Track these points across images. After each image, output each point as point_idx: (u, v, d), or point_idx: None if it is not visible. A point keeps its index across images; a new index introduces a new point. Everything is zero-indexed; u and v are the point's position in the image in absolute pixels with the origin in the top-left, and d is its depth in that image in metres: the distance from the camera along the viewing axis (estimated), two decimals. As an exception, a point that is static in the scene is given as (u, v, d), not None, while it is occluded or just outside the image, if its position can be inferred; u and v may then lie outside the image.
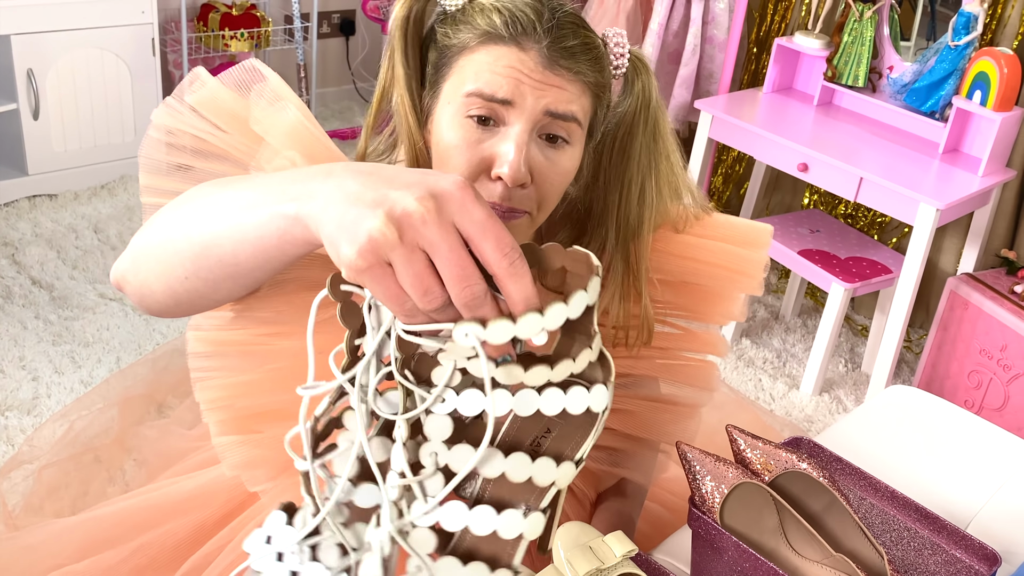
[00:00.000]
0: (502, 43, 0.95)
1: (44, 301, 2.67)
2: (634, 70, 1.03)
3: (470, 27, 0.97)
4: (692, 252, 1.14)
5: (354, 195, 0.58)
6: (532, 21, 0.95)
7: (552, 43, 0.95)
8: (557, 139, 0.97)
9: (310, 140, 1.02)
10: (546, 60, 0.95)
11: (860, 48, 2.74)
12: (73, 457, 1.76)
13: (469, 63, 0.97)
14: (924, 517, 1.13)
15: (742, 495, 1.07)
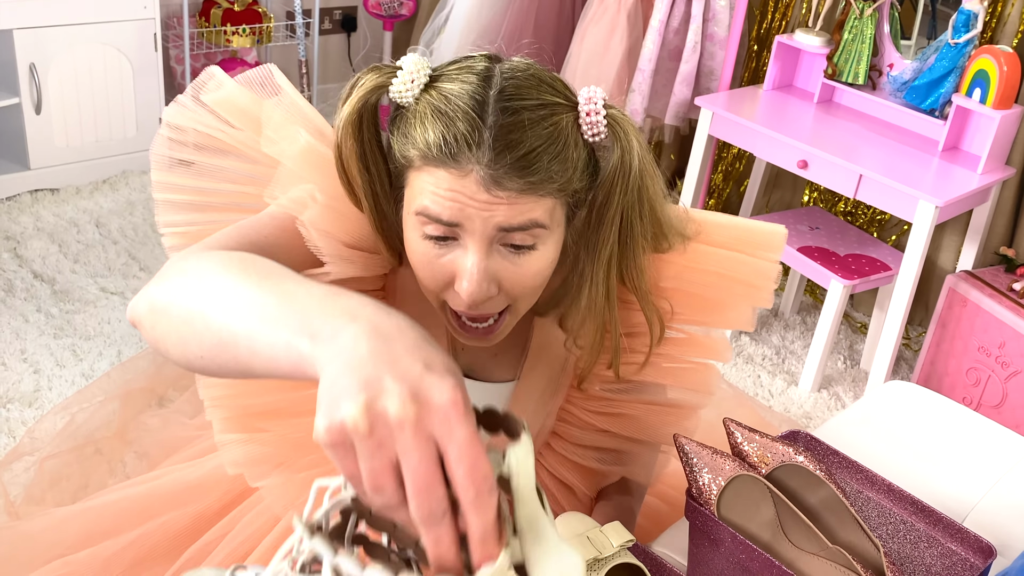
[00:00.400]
0: (440, 166, 0.89)
1: (46, 295, 2.68)
2: (613, 136, 0.95)
3: (410, 142, 0.91)
4: (700, 261, 1.12)
5: (356, 363, 0.57)
6: (465, 138, 0.87)
7: (493, 160, 0.87)
8: (521, 247, 0.93)
9: (323, 163, 1.00)
10: (488, 181, 0.87)
11: (860, 46, 2.75)
12: (74, 449, 1.77)
13: (416, 180, 0.92)
14: (920, 511, 1.14)
15: (739, 487, 1.07)
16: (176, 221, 1.07)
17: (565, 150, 0.91)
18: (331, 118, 1.01)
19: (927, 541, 1.12)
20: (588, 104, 0.93)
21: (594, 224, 0.99)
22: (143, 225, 3.12)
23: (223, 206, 1.07)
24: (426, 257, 0.93)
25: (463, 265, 0.91)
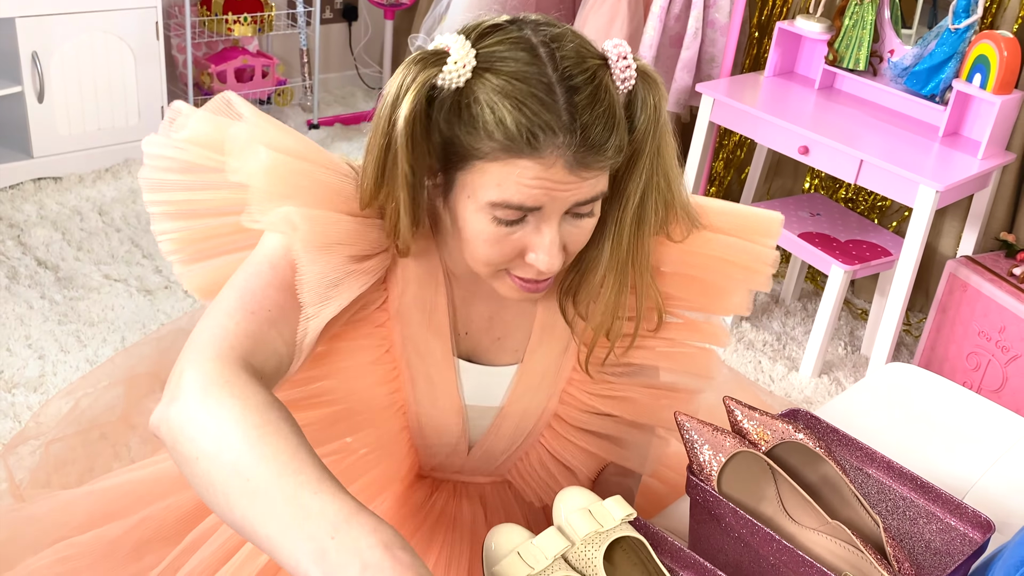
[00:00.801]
0: (523, 156, 0.89)
1: (50, 282, 2.69)
2: (645, 86, 0.97)
3: (482, 132, 0.90)
4: (701, 246, 1.13)
5: None
6: (551, 127, 0.89)
7: (578, 145, 0.90)
8: (583, 215, 0.97)
9: (291, 174, 0.99)
10: (574, 166, 0.91)
11: (861, 32, 2.75)
12: (79, 433, 1.78)
13: (490, 170, 0.92)
14: (920, 487, 1.15)
15: (739, 464, 1.08)
16: (170, 229, 1.07)
17: (618, 113, 0.93)
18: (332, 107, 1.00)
19: (926, 517, 1.13)
20: (618, 57, 0.95)
21: (623, 175, 1.01)
22: (146, 213, 3.12)
23: (215, 211, 1.07)
24: (494, 238, 0.95)
25: (538, 241, 0.95)
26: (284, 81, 3.95)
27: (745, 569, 1.04)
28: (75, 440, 1.76)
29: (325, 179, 1.02)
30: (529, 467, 1.23)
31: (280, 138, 1.02)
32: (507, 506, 1.24)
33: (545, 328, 1.15)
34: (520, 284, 1.01)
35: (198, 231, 1.07)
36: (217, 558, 1.20)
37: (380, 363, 1.11)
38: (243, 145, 1.00)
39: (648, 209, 1.03)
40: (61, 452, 1.74)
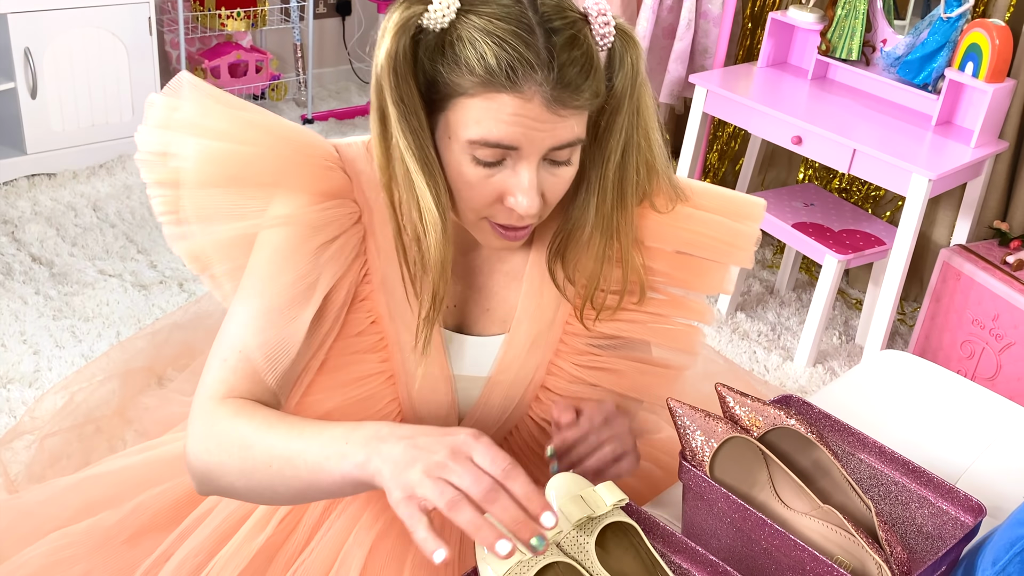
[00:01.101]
0: (502, 91, 0.92)
1: (44, 277, 2.69)
2: (623, 44, 1.00)
3: (463, 68, 0.93)
4: (684, 222, 1.16)
5: (400, 458, 0.85)
6: (530, 63, 0.91)
7: (556, 82, 0.92)
8: (560, 161, 0.99)
9: (224, 157, 1.04)
10: (550, 102, 0.93)
11: (854, 21, 2.75)
12: (74, 427, 1.78)
13: (470, 107, 0.94)
14: (911, 472, 1.15)
15: (732, 449, 1.09)
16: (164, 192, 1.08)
17: (595, 60, 0.96)
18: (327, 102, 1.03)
19: (918, 501, 1.13)
20: (598, 14, 0.98)
21: (604, 131, 1.04)
22: (140, 208, 3.13)
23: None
24: (475, 179, 0.97)
25: (517, 183, 0.97)
26: (278, 76, 3.95)
27: (738, 554, 1.05)
28: (70, 434, 1.76)
29: (262, 164, 1.05)
30: (520, 440, 1.23)
31: (222, 122, 1.05)
32: None
33: (532, 297, 1.16)
34: (500, 231, 1.02)
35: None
36: (212, 541, 1.21)
37: (367, 333, 1.12)
38: (181, 132, 1.04)
39: (630, 167, 1.06)
40: (56, 446, 1.74)
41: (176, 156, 1.04)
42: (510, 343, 1.17)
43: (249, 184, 1.05)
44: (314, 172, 1.07)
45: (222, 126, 1.05)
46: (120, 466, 1.41)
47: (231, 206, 1.05)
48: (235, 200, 1.05)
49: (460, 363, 1.17)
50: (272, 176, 1.05)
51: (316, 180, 1.07)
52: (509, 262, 1.17)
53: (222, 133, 1.05)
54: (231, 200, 1.05)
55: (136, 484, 1.36)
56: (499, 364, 1.17)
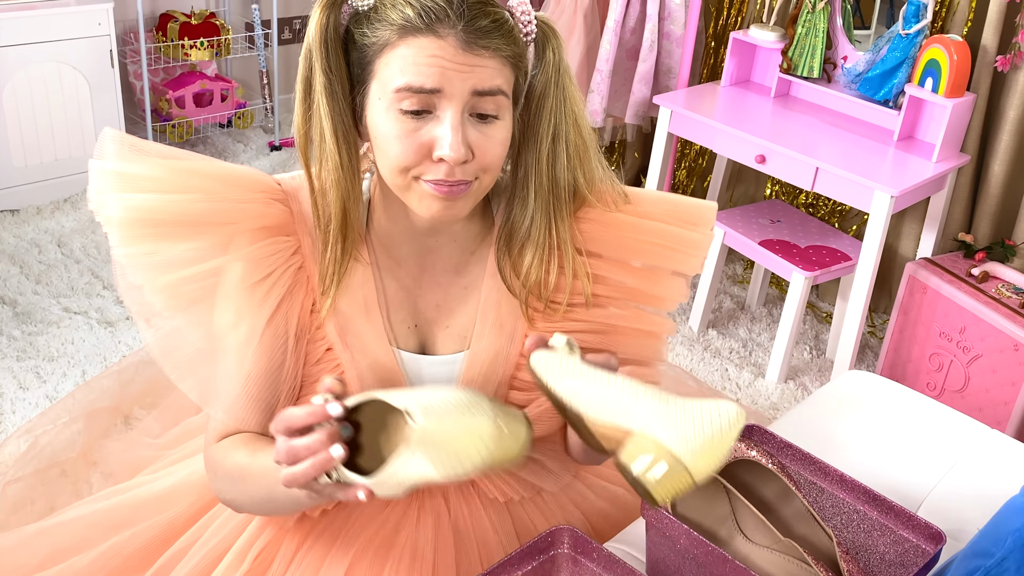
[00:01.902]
0: (420, 34, 0.99)
1: (7, 317, 2.66)
2: (544, 36, 1.08)
3: (385, 23, 1.01)
4: (631, 231, 1.18)
5: None
6: (443, 8, 0.99)
7: (467, 25, 0.99)
8: (487, 116, 1.02)
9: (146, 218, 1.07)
10: (464, 43, 0.99)
11: (814, 40, 2.77)
12: (38, 472, 1.76)
13: (392, 59, 1.01)
14: (873, 500, 1.15)
15: (693, 484, 1.08)
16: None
17: (510, 24, 1.04)
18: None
19: (879, 529, 1.14)
20: (520, 6, 1.06)
21: (533, 118, 1.11)
22: (105, 243, 3.10)
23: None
24: (403, 132, 1.01)
25: (443, 131, 1.00)
26: (244, 104, 3.94)
27: (700, 591, 1.05)
28: (33, 479, 1.74)
29: (188, 209, 1.09)
30: None
31: (150, 171, 1.09)
32: (471, 504, 1.24)
33: (489, 309, 1.17)
34: (433, 188, 1.04)
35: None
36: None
37: (323, 362, 1.15)
38: (99, 190, 1.08)
39: (560, 152, 1.11)
40: (20, 492, 1.72)
41: (105, 219, 1.08)
42: (471, 360, 1.17)
43: (176, 234, 1.09)
44: (247, 210, 1.10)
45: (150, 174, 1.09)
46: (89, 511, 1.40)
47: (163, 259, 1.09)
48: (167, 250, 1.09)
49: (420, 383, 1.17)
50: (201, 220, 1.09)
51: (250, 218, 1.10)
52: (466, 275, 1.18)
53: (149, 182, 1.08)
54: (163, 252, 1.09)
55: (107, 528, 1.36)
56: (461, 382, 1.17)
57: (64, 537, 1.39)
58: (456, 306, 1.17)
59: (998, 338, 2.37)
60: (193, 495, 1.36)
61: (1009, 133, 2.55)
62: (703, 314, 2.93)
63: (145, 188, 1.07)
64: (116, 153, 1.09)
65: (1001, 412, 2.40)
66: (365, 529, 1.20)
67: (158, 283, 1.09)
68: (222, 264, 1.10)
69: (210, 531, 1.29)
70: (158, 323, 1.12)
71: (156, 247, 1.08)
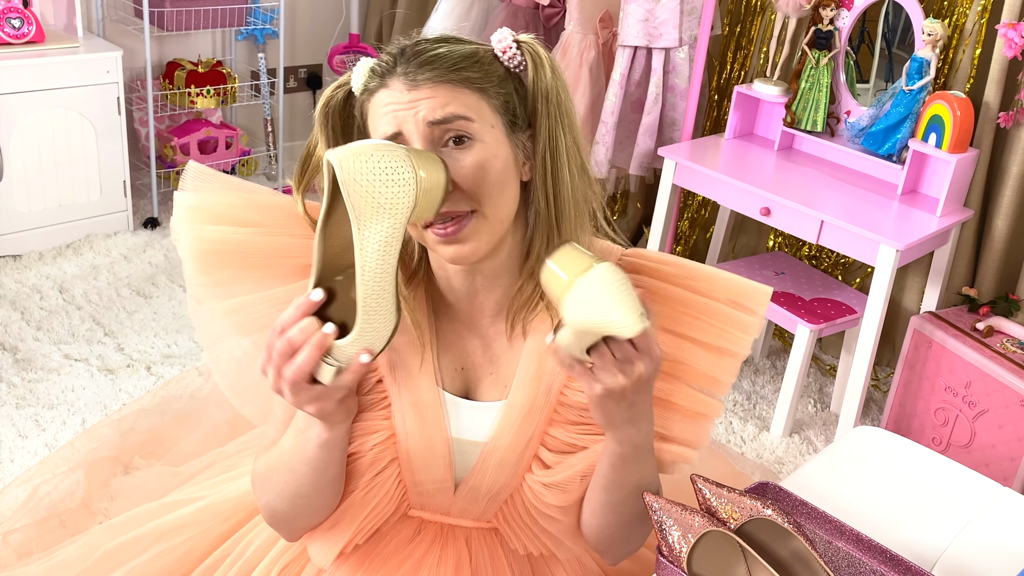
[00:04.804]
0: (377, 91, 1.07)
1: (7, 364, 2.64)
2: (533, 58, 1.10)
3: (360, 92, 1.10)
4: (688, 308, 1.17)
5: None
6: (390, 61, 1.07)
7: (405, 67, 1.05)
8: (462, 139, 1.05)
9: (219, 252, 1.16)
10: (408, 84, 1.04)
11: (818, 94, 2.80)
12: (37, 523, 1.74)
13: (369, 120, 1.09)
14: (889, 560, 1.14)
15: (709, 543, 1.07)
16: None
17: (480, 59, 1.08)
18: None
19: (898, 591, 1.12)
20: (499, 40, 1.10)
21: (535, 129, 1.12)
22: (107, 289, 3.10)
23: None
24: None
25: None
26: (248, 151, 3.95)
27: (717, 654, 1.03)
28: (32, 530, 1.72)
29: (261, 243, 1.17)
30: (514, 511, 1.22)
31: (222, 207, 1.17)
32: (492, 552, 1.23)
33: (531, 362, 1.16)
34: (434, 232, 1.06)
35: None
36: None
37: (373, 392, 1.17)
38: (179, 220, 1.17)
39: (562, 166, 1.10)
40: (18, 543, 1.69)
41: (181, 249, 1.17)
42: (507, 410, 1.17)
43: (244, 264, 1.17)
44: (306, 246, 1.13)
45: (222, 209, 1.17)
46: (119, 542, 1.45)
47: (231, 288, 1.18)
48: (235, 279, 1.18)
49: (459, 427, 1.17)
50: (266, 253, 1.17)
51: (310, 252, 1.13)
52: (515, 324, 1.17)
53: (221, 216, 1.17)
54: (231, 281, 1.18)
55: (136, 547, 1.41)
56: (495, 431, 1.17)
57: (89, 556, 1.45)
58: (501, 353, 1.18)
59: (1004, 393, 2.36)
60: (222, 515, 1.41)
61: (1012, 188, 2.56)
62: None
63: (219, 221, 1.16)
64: (195, 185, 1.17)
65: (1008, 468, 2.39)
66: (386, 564, 1.21)
67: (226, 307, 1.17)
68: (284, 293, 1.15)
69: (236, 552, 1.33)
70: (220, 351, 1.19)
71: (225, 276, 1.16)
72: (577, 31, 3.18)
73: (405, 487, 1.20)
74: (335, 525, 1.18)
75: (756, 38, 3.17)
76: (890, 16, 2.81)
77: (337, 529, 1.18)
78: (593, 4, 3.16)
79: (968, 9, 2.62)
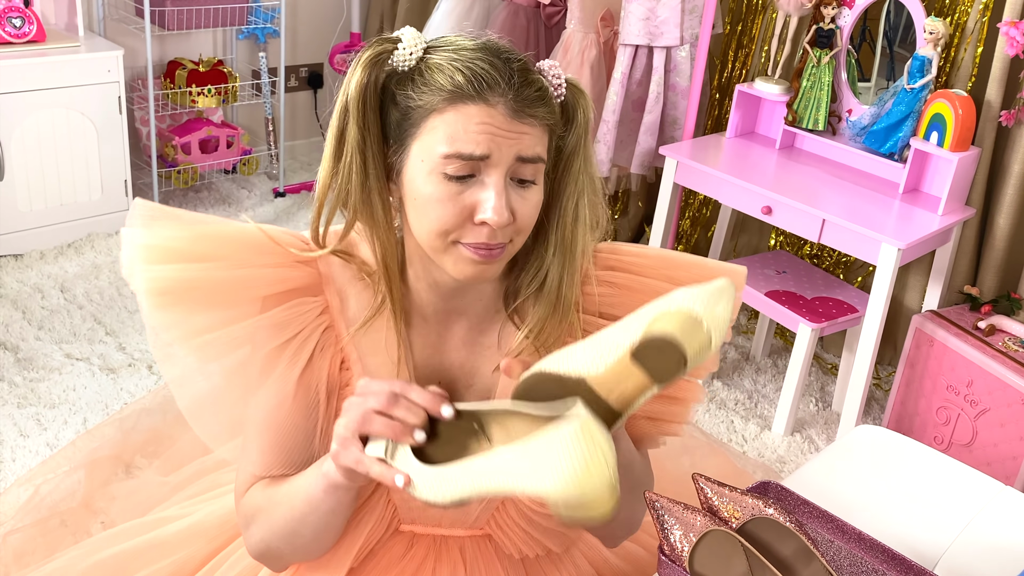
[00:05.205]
0: (470, 101, 0.99)
1: (9, 363, 2.64)
2: (574, 98, 1.09)
3: (432, 88, 1.00)
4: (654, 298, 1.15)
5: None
6: (494, 77, 0.99)
7: (516, 94, 1.00)
8: (526, 182, 1.03)
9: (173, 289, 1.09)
10: (512, 111, 0.99)
11: (819, 93, 2.79)
12: (38, 523, 1.74)
13: (440, 124, 1.00)
14: (891, 559, 1.13)
15: (711, 542, 1.07)
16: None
17: (548, 92, 1.05)
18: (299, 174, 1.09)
19: (900, 590, 1.11)
20: (552, 69, 1.07)
21: (561, 174, 1.11)
22: (109, 288, 3.10)
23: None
24: (446, 196, 1.00)
25: (487, 195, 1.00)
26: (249, 150, 3.95)
27: (719, 653, 1.02)
28: (33, 530, 1.72)
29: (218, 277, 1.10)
30: (507, 518, 1.21)
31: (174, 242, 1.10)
32: (487, 560, 1.23)
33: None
34: (473, 251, 1.03)
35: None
36: None
37: None
38: (131, 261, 1.10)
39: (583, 207, 1.11)
40: (19, 543, 1.69)
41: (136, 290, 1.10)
42: None
43: (204, 300, 1.10)
44: (271, 275, 1.11)
45: (177, 244, 1.10)
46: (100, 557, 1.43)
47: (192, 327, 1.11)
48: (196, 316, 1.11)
49: None
50: (226, 287, 1.11)
51: (275, 282, 1.11)
52: (488, 334, 1.17)
53: (176, 252, 1.10)
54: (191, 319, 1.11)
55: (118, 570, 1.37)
56: None
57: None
58: (479, 364, 1.17)
59: (1006, 392, 2.36)
60: (207, 536, 1.37)
61: (1014, 187, 2.56)
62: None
63: (172, 258, 1.09)
64: (144, 222, 1.11)
65: (1010, 467, 2.38)
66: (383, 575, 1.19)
67: (190, 346, 1.11)
68: (249, 327, 1.11)
69: (221, 571, 1.30)
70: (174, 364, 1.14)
71: (184, 315, 1.10)
72: (578, 30, 3.18)
73: (395, 505, 1.19)
74: (331, 557, 1.17)
75: (757, 37, 3.17)
76: (891, 14, 2.80)
77: (333, 561, 1.17)
78: (594, 3, 3.16)
79: (970, 7, 2.62)
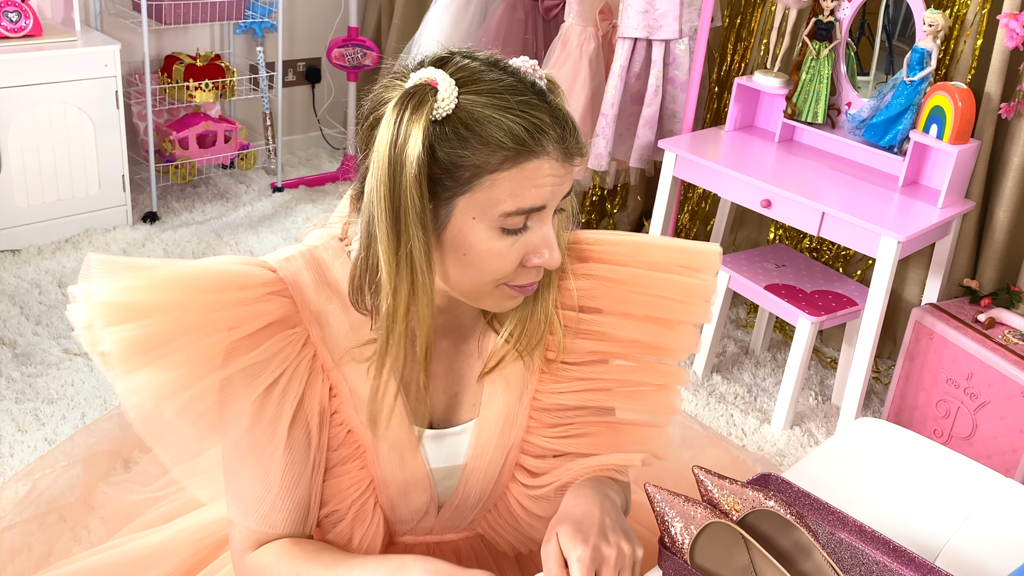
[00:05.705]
0: (533, 156, 0.96)
1: (7, 358, 2.63)
2: (553, 92, 1.05)
3: (489, 145, 0.94)
4: (635, 285, 1.15)
5: None
6: (545, 123, 0.96)
7: (563, 136, 0.98)
8: (557, 211, 1.03)
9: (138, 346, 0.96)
10: (563, 156, 0.98)
11: (818, 86, 2.79)
12: (36, 518, 1.73)
13: (502, 182, 0.95)
14: (892, 551, 1.13)
15: (711, 534, 1.07)
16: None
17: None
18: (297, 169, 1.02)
19: (901, 582, 1.11)
20: (532, 68, 1.03)
21: None
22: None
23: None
24: (503, 249, 0.98)
25: (544, 240, 1.00)
26: (247, 145, 3.94)
27: (720, 645, 1.02)
28: (31, 524, 1.72)
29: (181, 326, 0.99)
30: (499, 518, 1.22)
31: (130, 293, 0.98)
32: (481, 559, 1.23)
33: (496, 376, 1.14)
34: (519, 291, 1.03)
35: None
36: None
37: (345, 445, 1.12)
38: (87, 325, 0.97)
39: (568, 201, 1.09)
40: (17, 538, 1.69)
41: (99, 356, 0.98)
42: (481, 427, 1.15)
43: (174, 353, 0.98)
44: (245, 313, 1.02)
45: (137, 298, 0.98)
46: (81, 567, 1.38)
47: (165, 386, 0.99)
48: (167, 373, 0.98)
49: (437, 457, 1.15)
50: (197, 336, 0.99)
51: (250, 320, 1.02)
52: (469, 341, 1.16)
53: (137, 307, 0.98)
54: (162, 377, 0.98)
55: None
56: (473, 450, 1.15)
57: None
58: (464, 373, 1.16)
59: (1005, 385, 2.35)
60: (189, 548, 1.34)
61: (1014, 180, 2.55)
62: (707, 358, 2.92)
63: (130, 314, 0.97)
64: (100, 278, 0.98)
65: (1010, 459, 2.38)
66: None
67: (167, 409, 1.00)
68: (229, 375, 1.02)
69: None
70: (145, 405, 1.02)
71: (155, 374, 0.97)
72: (577, 23, 3.17)
73: (388, 521, 1.18)
74: None
75: (756, 29, 3.16)
76: (891, 7, 2.80)
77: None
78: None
79: (969, 0, 2.61)
